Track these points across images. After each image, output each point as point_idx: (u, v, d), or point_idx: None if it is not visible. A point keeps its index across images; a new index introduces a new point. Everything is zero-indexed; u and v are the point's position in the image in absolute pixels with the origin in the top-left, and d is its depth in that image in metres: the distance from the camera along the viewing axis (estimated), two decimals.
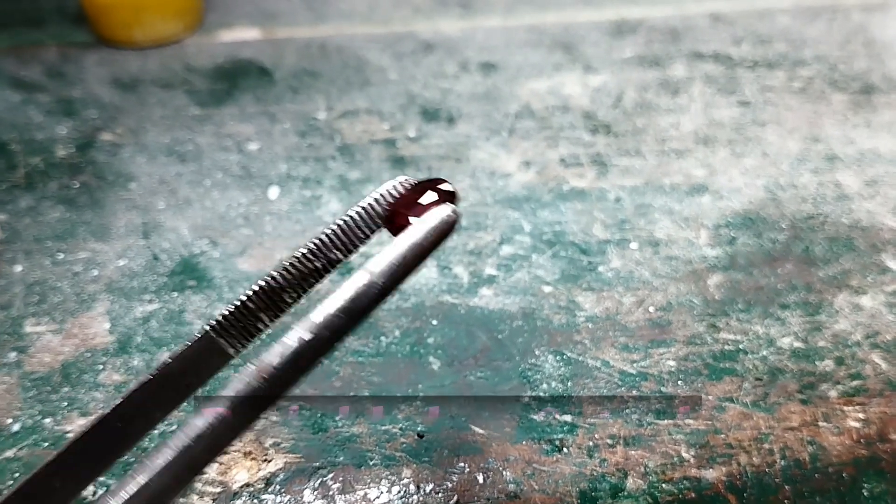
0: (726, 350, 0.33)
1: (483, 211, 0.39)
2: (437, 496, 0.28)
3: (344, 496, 0.27)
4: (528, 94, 0.48)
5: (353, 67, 0.51)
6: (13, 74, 0.49)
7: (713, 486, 0.28)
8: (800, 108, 0.47)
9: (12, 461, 0.28)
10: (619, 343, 0.33)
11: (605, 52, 0.53)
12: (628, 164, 0.43)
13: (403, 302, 0.35)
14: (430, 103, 0.47)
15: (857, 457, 0.29)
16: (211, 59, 0.51)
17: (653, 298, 0.35)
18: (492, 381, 0.32)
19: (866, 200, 0.41)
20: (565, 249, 0.37)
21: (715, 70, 0.51)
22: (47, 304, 0.34)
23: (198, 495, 0.27)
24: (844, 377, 0.32)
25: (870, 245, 0.38)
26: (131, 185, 0.41)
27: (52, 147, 0.43)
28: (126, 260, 0.37)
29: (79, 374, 0.31)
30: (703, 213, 0.40)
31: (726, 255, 0.37)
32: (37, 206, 0.39)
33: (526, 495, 0.28)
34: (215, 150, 0.43)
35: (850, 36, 0.55)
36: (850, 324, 0.34)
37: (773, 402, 0.31)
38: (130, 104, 0.47)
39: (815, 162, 0.43)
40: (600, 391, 0.31)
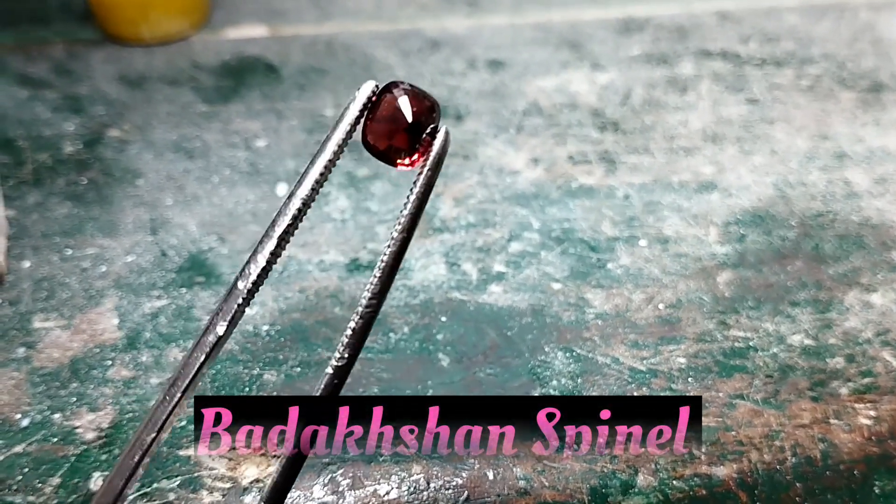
0: (736, 347, 0.33)
1: (491, 208, 0.39)
2: (447, 492, 0.27)
3: (354, 492, 0.27)
4: (536, 91, 0.48)
5: (360, 65, 0.51)
6: (20, 71, 0.49)
7: (724, 483, 0.28)
8: (808, 106, 0.47)
9: (21, 456, 0.28)
10: (628, 340, 0.33)
11: (612, 49, 0.53)
12: (637, 161, 0.43)
13: (412, 298, 0.35)
14: (438, 100, 0.47)
15: (868, 454, 0.29)
16: (217, 56, 0.51)
17: (662, 295, 0.35)
18: (501, 378, 0.31)
19: (876, 198, 0.40)
20: (574, 246, 0.37)
21: (723, 68, 0.51)
22: (56, 300, 0.34)
23: (207, 490, 0.27)
24: (855, 374, 0.32)
25: (880, 243, 0.38)
26: (139, 181, 0.41)
27: (59, 143, 0.43)
28: (134, 256, 0.37)
29: (87, 370, 0.31)
30: (713, 210, 0.39)
31: (736, 253, 0.37)
32: (44, 203, 0.39)
33: (536, 492, 0.27)
34: (223, 146, 0.43)
35: (857, 34, 0.55)
36: (861, 321, 0.34)
37: (784, 399, 0.31)
38: (137, 101, 0.47)
39: (824, 160, 0.43)
40: (610, 388, 0.31)
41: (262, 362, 0.32)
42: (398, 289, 0.35)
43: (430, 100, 0.20)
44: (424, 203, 0.20)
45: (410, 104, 0.20)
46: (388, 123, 0.20)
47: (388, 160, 0.20)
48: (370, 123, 0.20)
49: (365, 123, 0.20)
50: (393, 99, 0.20)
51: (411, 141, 0.20)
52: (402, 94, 0.20)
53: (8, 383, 0.31)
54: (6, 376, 0.31)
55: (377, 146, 0.20)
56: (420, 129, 0.20)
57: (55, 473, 0.28)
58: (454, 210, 0.39)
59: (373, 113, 0.20)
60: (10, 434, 0.29)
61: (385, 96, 0.20)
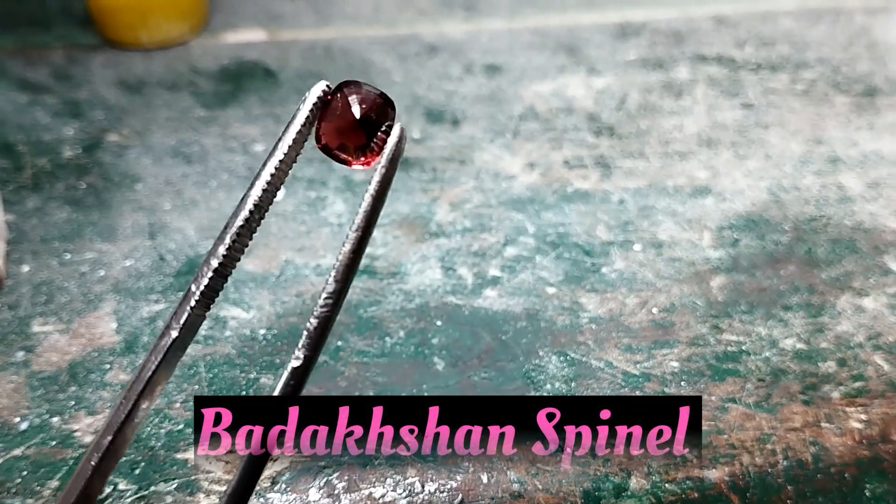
0: (729, 351, 0.33)
1: (487, 212, 0.40)
2: (441, 495, 0.28)
3: (349, 495, 0.28)
4: (533, 96, 0.49)
5: (357, 69, 0.51)
6: (20, 76, 0.50)
7: (716, 486, 0.28)
8: (803, 111, 0.48)
9: (20, 459, 0.28)
10: (622, 344, 0.33)
11: (608, 54, 0.53)
12: (632, 165, 0.43)
13: (408, 303, 0.35)
14: (435, 105, 0.48)
15: (859, 457, 0.29)
16: (216, 60, 0.52)
17: (656, 300, 0.35)
18: (496, 382, 0.32)
19: (869, 202, 0.41)
20: (569, 251, 0.38)
21: (718, 72, 0.51)
22: (54, 304, 0.34)
23: (204, 494, 0.27)
24: (847, 378, 0.32)
25: (872, 247, 0.38)
26: (137, 186, 0.41)
27: (58, 148, 0.44)
28: (132, 260, 0.37)
29: (86, 374, 0.32)
30: (707, 214, 0.40)
31: (729, 257, 0.37)
32: (44, 207, 0.40)
33: (530, 495, 0.28)
34: (221, 151, 0.44)
35: (853, 38, 0.55)
36: (853, 325, 0.34)
37: (776, 402, 0.31)
38: (136, 106, 0.47)
39: (818, 164, 0.43)
40: (604, 392, 0.31)
41: (259, 366, 0.32)
42: (394, 293, 0.35)
43: (382, 97, 0.20)
44: (381, 202, 0.20)
45: (360, 102, 0.20)
46: (338, 121, 0.20)
47: (343, 160, 0.20)
48: (322, 124, 0.20)
49: (318, 124, 0.20)
50: (343, 97, 0.20)
51: (364, 139, 0.20)
52: (352, 92, 0.20)
53: (7, 387, 0.31)
54: (5, 380, 0.31)
55: (329, 145, 0.20)
56: (372, 126, 0.20)
57: (54, 476, 0.28)
58: (450, 214, 0.39)
59: (325, 113, 0.20)
60: (8, 437, 0.29)
61: (336, 96, 0.20)
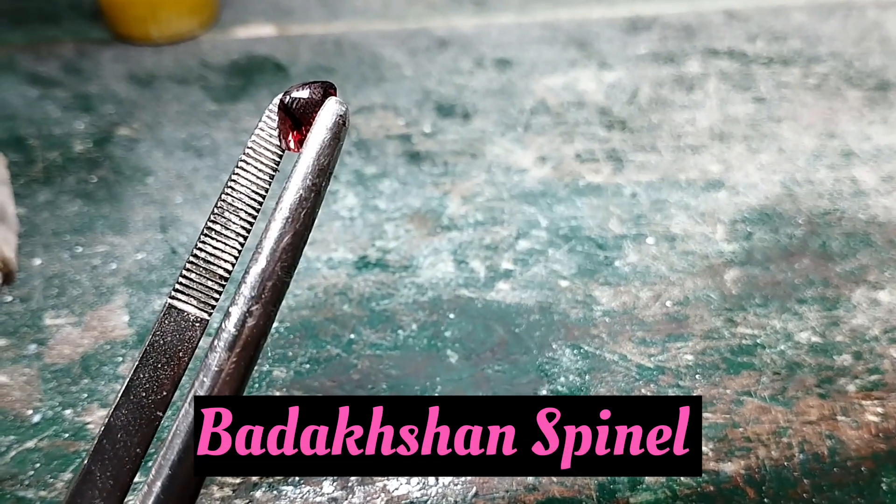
0: (744, 344, 0.33)
1: (499, 206, 0.39)
2: (455, 488, 0.28)
3: (363, 487, 0.28)
4: (543, 90, 0.48)
5: (368, 63, 0.51)
6: (31, 70, 0.50)
7: (732, 479, 0.28)
8: (815, 105, 0.47)
9: (33, 451, 0.28)
10: (636, 337, 0.33)
11: (619, 48, 0.53)
12: (644, 159, 0.43)
13: (421, 296, 0.35)
14: (446, 99, 0.47)
15: (875, 451, 0.29)
16: (226, 55, 0.52)
17: (670, 293, 0.35)
18: (509, 375, 0.32)
19: (883, 196, 0.40)
20: (582, 244, 0.37)
21: (730, 66, 0.51)
22: (66, 297, 0.34)
23: (217, 486, 0.27)
24: (862, 372, 0.32)
25: (887, 240, 0.38)
26: (148, 179, 0.41)
27: (69, 142, 0.44)
28: (144, 253, 0.37)
29: (98, 366, 0.32)
30: (720, 208, 0.40)
31: (743, 251, 0.37)
32: (55, 201, 0.40)
33: (544, 487, 0.28)
34: (231, 145, 0.44)
35: (865, 33, 0.55)
36: (868, 319, 0.34)
37: (792, 396, 0.31)
38: (147, 100, 0.47)
39: (831, 158, 0.43)
40: (618, 385, 0.31)
41: (272, 359, 0.32)
42: (406, 286, 0.35)
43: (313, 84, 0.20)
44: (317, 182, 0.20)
45: (282, 97, 0.20)
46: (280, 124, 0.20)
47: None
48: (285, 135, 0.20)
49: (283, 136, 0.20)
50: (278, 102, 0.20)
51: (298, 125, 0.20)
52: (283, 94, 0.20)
53: (20, 379, 0.31)
54: (18, 373, 0.31)
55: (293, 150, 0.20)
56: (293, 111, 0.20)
57: (66, 469, 0.28)
58: (462, 208, 0.39)
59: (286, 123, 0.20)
60: (21, 430, 0.29)
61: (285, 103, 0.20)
